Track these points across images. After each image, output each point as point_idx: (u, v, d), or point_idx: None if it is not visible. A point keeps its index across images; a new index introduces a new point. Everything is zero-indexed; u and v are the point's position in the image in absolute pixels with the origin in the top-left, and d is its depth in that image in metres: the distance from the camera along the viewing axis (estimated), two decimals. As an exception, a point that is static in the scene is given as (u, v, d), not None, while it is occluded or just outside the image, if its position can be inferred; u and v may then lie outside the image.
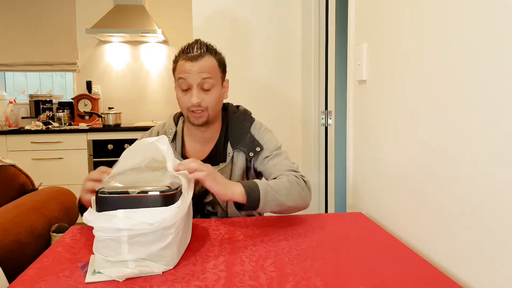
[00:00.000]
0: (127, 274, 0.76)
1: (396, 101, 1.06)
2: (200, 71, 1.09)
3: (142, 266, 0.78)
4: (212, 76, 1.12)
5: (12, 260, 1.02)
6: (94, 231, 0.77)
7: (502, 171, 0.67)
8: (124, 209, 0.75)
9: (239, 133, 1.20)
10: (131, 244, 0.76)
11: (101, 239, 0.76)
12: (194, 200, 1.00)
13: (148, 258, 0.78)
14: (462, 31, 0.77)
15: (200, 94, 1.11)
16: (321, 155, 2.16)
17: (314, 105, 2.12)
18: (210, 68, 1.11)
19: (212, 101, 1.13)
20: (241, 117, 1.24)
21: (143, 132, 3.31)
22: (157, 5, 3.77)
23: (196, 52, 1.11)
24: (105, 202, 0.77)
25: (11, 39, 3.66)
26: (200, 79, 1.10)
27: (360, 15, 1.30)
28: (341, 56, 2.16)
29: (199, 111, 1.13)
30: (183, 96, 1.13)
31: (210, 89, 1.12)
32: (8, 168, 1.43)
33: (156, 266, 0.79)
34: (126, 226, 0.74)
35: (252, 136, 1.20)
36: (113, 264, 0.77)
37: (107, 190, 0.77)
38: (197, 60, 1.10)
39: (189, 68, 1.10)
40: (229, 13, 2.16)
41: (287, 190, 1.04)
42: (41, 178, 3.14)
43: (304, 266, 0.82)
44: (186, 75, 1.10)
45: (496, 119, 0.68)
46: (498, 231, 0.69)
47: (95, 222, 0.75)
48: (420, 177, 0.94)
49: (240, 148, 1.18)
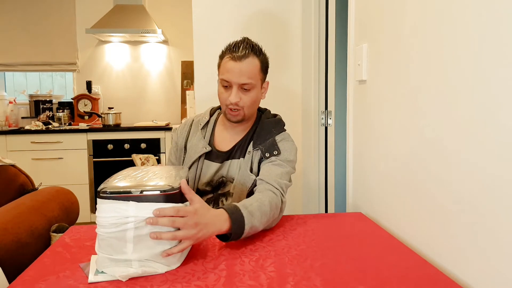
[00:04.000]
0: (131, 274, 0.76)
1: (396, 101, 1.06)
2: (242, 73, 1.12)
3: (145, 267, 0.78)
4: (253, 78, 1.14)
5: (12, 260, 1.02)
6: (98, 229, 0.77)
7: (503, 171, 0.67)
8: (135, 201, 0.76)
9: (264, 137, 1.22)
10: (135, 243, 0.76)
11: (105, 237, 0.76)
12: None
13: (152, 258, 0.78)
14: (462, 30, 0.77)
15: (239, 93, 1.15)
16: (321, 155, 2.16)
17: (314, 105, 2.12)
18: (252, 69, 1.14)
19: (249, 101, 1.16)
20: (271, 124, 1.26)
21: (143, 132, 3.34)
22: (157, 5, 3.77)
23: (241, 52, 1.13)
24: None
25: (11, 39, 3.66)
26: (241, 81, 1.13)
27: (360, 15, 1.30)
28: (341, 56, 2.16)
29: (235, 110, 1.17)
30: (224, 93, 1.17)
31: (249, 90, 1.15)
32: (8, 168, 1.43)
33: (159, 266, 0.79)
34: (135, 213, 0.75)
35: (275, 141, 1.22)
36: (117, 263, 0.77)
37: (109, 190, 0.77)
38: (241, 60, 1.12)
39: (232, 67, 1.12)
40: (229, 13, 2.16)
41: (267, 218, 0.99)
42: (41, 178, 3.15)
43: (304, 266, 0.82)
44: (228, 74, 1.13)
45: (497, 119, 0.68)
46: (498, 231, 0.69)
47: (103, 211, 0.76)
48: (420, 177, 0.94)
49: (259, 147, 1.21)
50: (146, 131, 3.30)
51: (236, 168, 1.21)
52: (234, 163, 1.22)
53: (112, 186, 0.78)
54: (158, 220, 0.76)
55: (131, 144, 3.29)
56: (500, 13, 0.67)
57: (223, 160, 1.22)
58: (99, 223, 0.77)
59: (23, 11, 3.66)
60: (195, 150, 1.23)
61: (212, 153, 1.23)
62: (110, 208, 0.76)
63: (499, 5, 0.67)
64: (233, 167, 1.22)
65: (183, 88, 3.79)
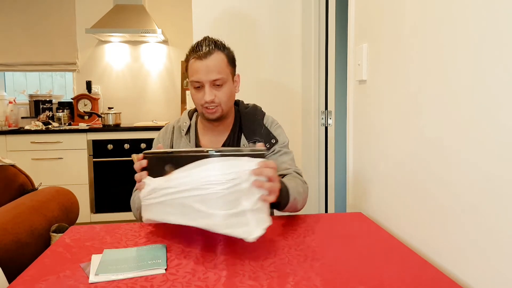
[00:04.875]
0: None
1: (396, 101, 1.06)
2: (210, 69, 1.12)
3: (259, 214, 0.81)
4: (222, 73, 1.14)
5: (12, 260, 1.02)
6: (211, 188, 0.78)
7: (503, 171, 0.67)
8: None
9: (253, 126, 1.26)
10: (248, 194, 0.80)
11: (223, 194, 0.78)
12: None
13: (261, 206, 0.82)
14: (462, 30, 0.77)
15: (212, 91, 1.15)
16: (321, 155, 2.16)
17: (314, 105, 2.12)
18: (220, 64, 1.14)
19: (225, 97, 1.17)
20: (252, 111, 1.29)
21: (143, 132, 3.33)
22: (157, 5, 3.77)
23: (205, 49, 1.13)
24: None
25: (11, 39, 3.66)
26: (211, 77, 1.13)
27: (360, 15, 1.30)
28: (341, 56, 2.16)
29: (212, 107, 1.16)
30: (197, 94, 1.16)
31: (221, 85, 1.15)
32: (8, 168, 1.43)
33: (265, 217, 0.83)
34: (248, 167, 0.81)
35: (267, 129, 1.27)
36: (234, 217, 0.79)
37: (219, 151, 0.82)
38: (207, 58, 1.12)
39: (200, 67, 1.12)
40: (229, 13, 2.16)
41: (302, 196, 1.12)
42: (41, 178, 3.14)
43: (304, 266, 0.82)
44: (197, 75, 1.13)
45: (497, 118, 0.68)
46: (498, 231, 0.69)
47: (219, 169, 0.79)
48: (420, 177, 0.94)
49: (257, 140, 1.24)
50: (146, 131, 3.30)
51: None
52: None
53: (218, 149, 0.83)
54: (263, 170, 0.83)
55: (131, 144, 3.29)
56: (500, 13, 0.67)
57: None
58: (213, 181, 0.78)
59: (23, 11, 3.65)
60: None
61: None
62: (227, 165, 0.79)
63: (499, 5, 0.67)
64: None
65: (183, 88, 3.78)
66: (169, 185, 0.84)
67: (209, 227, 0.80)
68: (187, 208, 0.82)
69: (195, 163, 0.82)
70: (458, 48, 0.78)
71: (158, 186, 0.87)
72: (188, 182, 0.81)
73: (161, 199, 0.87)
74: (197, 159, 0.82)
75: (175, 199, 0.84)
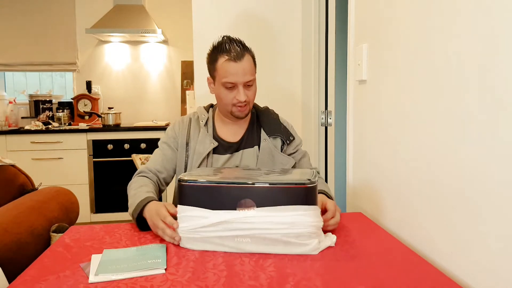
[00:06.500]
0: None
1: (396, 101, 1.06)
2: (245, 72, 1.19)
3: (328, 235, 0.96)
4: (253, 74, 1.23)
5: (12, 260, 1.02)
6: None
7: (503, 171, 0.67)
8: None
9: (271, 123, 1.33)
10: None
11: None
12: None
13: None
14: (463, 29, 0.77)
15: (244, 91, 1.21)
16: (321, 155, 2.16)
17: (314, 105, 2.12)
18: (251, 65, 1.22)
19: (253, 96, 1.26)
20: (267, 110, 1.39)
21: (142, 132, 3.34)
22: (157, 5, 3.77)
23: (238, 51, 1.18)
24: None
25: (11, 39, 3.66)
26: (246, 79, 1.19)
27: (360, 15, 1.30)
28: (341, 56, 2.16)
29: (243, 106, 1.23)
30: (229, 94, 1.22)
31: (252, 85, 1.24)
32: (8, 168, 1.43)
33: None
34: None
35: (285, 127, 1.34)
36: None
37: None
38: (241, 60, 1.18)
39: (236, 69, 1.18)
40: (229, 13, 2.16)
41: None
42: (41, 178, 3.14)
43: (304, 266, 0.82)
44: (233, 76, 1.18)
45: (498, 118, 0.68)
46: (498, 231, 0.69)
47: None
48: (420, 177, 0.94)
49: (278, 135, 1.31)
50: (146, 131, 3.30)
51: (252, 156, 1.28)
52: (248, 152, 1.29)
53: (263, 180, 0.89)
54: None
55: (131, 144, 3.29)
56: (501, 12, 0.67)
57: (233, 151, 1.29)
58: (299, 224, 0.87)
59: (23, 11, 3.65)
60: (203, 146, 1.26)
61: (219, 146, 1.28)
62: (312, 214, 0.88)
63: (501, 4, 0.67)
64: (247, 155, 1.28)
65: (183, 88, 3.78)
66: (250, 220, 0.88)
67: (304, 253, 0.89)
68: (273, 241, 0.88)
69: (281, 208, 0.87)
70: (459, 47, 0.78)
71: (231, 220, 0.88)
72: (275, 221, 0.87)
73: (236, 233, 0.89)
74: (245, 191, 0.88)
75: (257, 234, 0.88)
